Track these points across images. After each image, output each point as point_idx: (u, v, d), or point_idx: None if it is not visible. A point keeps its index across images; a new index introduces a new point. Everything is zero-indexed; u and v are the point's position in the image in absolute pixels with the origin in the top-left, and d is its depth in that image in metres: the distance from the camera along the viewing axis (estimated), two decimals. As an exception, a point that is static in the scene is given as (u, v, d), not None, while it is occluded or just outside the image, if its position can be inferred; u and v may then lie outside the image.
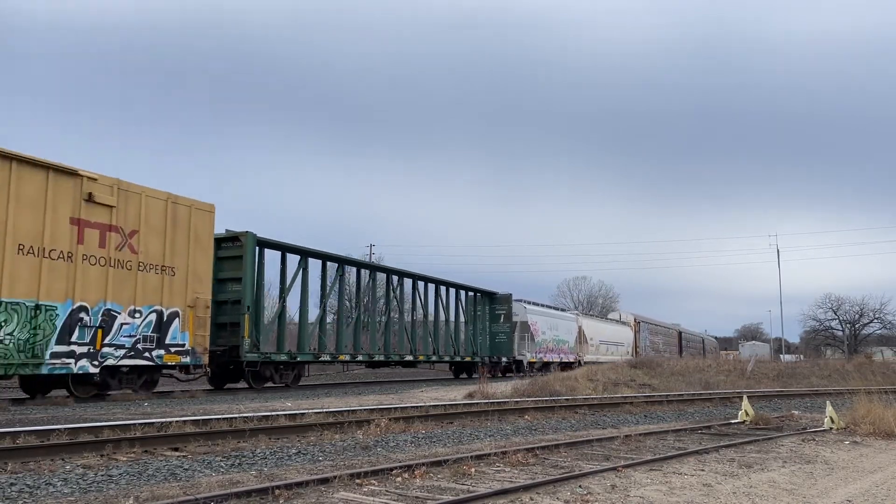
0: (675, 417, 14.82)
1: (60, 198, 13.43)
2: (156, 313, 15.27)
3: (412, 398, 16.95)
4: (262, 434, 9.44)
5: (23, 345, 12.66)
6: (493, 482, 6.51)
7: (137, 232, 14.93)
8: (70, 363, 13.51)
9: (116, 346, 14.43)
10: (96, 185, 14.11)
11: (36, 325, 12.86)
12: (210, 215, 16.80)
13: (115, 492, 5.98)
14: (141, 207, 15.08)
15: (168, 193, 15.87)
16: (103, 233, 14.21)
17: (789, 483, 7.05)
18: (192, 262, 16.15)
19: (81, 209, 13.80)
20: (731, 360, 38.95)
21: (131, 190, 14.90)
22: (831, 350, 70.57)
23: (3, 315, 12.32)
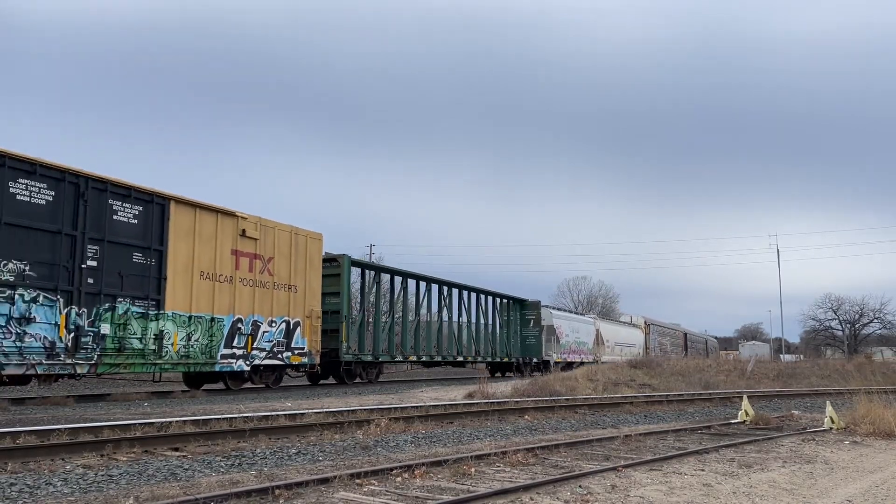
0: (675, 417, 14.82)
1: (225, 234, 16.87)
2: (285, 323, 18.70)
3: (412, 398, 16.95)
4: (262, 434, 9.44)
5: (203, 348, 16.15)
6: (493, 482, 6.51)
7: (273, 258, 18.36)
8: (232, 363, 17.06)
9: (260, 350, 17.84)
10: (247, 222, 17.52)
11: (211, 333, 16.39)
12: (319, 242, 20.17)
13: (115, 492, 5.98)
14: (274, 238, 18.46)
15: (292, 226, 19.20)
16: (251, 260, 17.71)
17: (789, 483, 7.05)
18: (308, 281, 19.56)
19: (237, 242, 17.27)
20: (731, 360, 38.95)
21: (268, 225, 18.26)
22: (831, 350, 70.51)
23: (192, 326, 15.81)
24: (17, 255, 12.51)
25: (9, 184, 12.51)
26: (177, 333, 15.45)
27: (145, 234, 14.95)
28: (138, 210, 14.85)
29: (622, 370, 26.00)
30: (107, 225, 14.15)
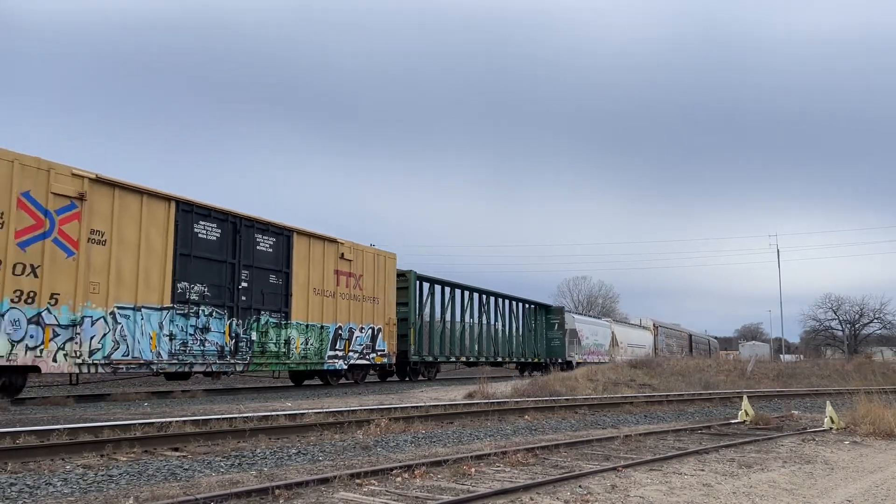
0: (675, 417, 14.82)
1: (329, 258, 20.51)
2: (371, 329, 22.30)
3: (412, 398, 16.95)
4: (262, 434, 9.44)
5: (316, 351, 19.75)
6: (493, 482, 6.51)
7: (362, 276, 21.98)
8: (335, 362, 20.60)
9: (354, 351, 21.41)
10: (344, 247, 21.14)
11: (321, 338, 19.93)
12: (394, 261, 23.85)
13: (115, 492, 5.98)
14: (363, 259, 22.05)
15: (375, 248, 22.96)
16: (347, 278, 21.25)
17: (789, 483, 7.05)
18: (386, 294, 23.20)
19: (338, 264, 20.90)
20: (731, 360, 38.95)
21: (358, 248, 22.02)
22: (831, 350, 70.49)
23: (309, 333, 19.39)
24: (201, 280, 16.12)
25: (194, 226, 16.08)
26: (299, 339, 19.14)
27: (277, 259, 18.60)
28: (272, 241, 18.50)
29: (622, 370, 25.99)
30: (253, 254, 17.79)
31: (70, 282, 13.22)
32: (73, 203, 13.34)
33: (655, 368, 27.69)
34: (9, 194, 12.32)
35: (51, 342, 12.86)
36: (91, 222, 13.70)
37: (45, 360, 12.82)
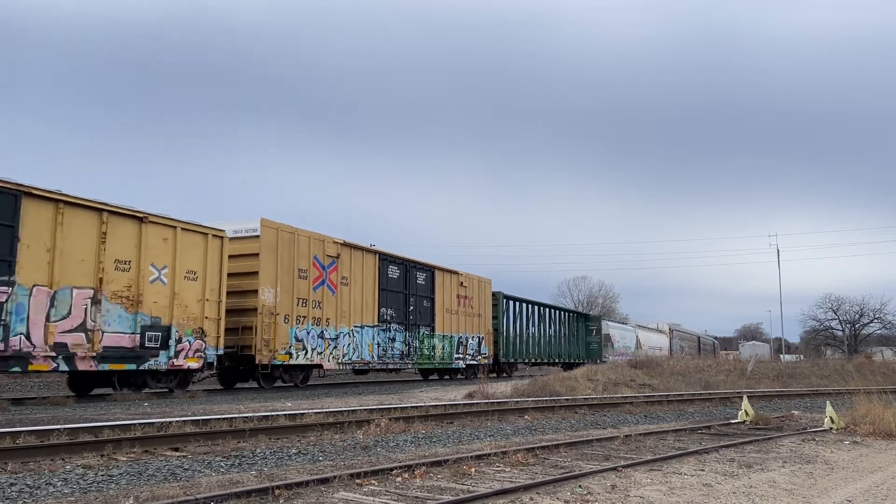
0: (675, 417, 14.82)
1: (453, 285, 27.07)
2: (478, 337, 28.71)
3: (412, 398, 16.94)
4: (262, 434, 9.44)
5: (448, 354, 26.37)
6: (493, 482, 6.51)
7: (472, 298, 28.36)
8: (458, 362, 27.15)
9: (468, 355, 27.79)
10: (462, 277, 27.60)
11: (451, 345, 26.56)
12: (490, 284, 30.25)
13: (115, 492, 5.98)
14: (472, 284, 28.43)
15: (479, 276, 29.03)
16: (463, 300, 27.70)
17: (789, 483, 7.05)
18: (485, 310, 29.53)
19: (458, 289, 27.37)
20: (731, 360, 38.97)
21: (471, 277, 28.34)
22: (831, 350, 70.45)
23: (444, 341, 26.05)
24: (391, 306, 23.00)
25: (387, 269, 23.05)
26: (439, 345, 25.83)
27: (427, 289, 25.38)
28: (424, 276, 25.26)
29: (622, 370, 25.96)
30: (415, 286, 24.63)
31: (334, 311, 20.27)
32: (334, 260, 20.35)
33: (655, 368, 27.68)
34: (308, 258, 19.30)
35: (327, 350, 19.87)
36: (342, 271, 20.72)
37: (325, 361, 19.84)
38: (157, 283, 15.08)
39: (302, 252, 18.88)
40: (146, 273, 14.80)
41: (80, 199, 13.59)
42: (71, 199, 13.42)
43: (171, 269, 15.37)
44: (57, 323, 13.04)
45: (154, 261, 15.00)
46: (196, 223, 16.12)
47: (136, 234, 14.62)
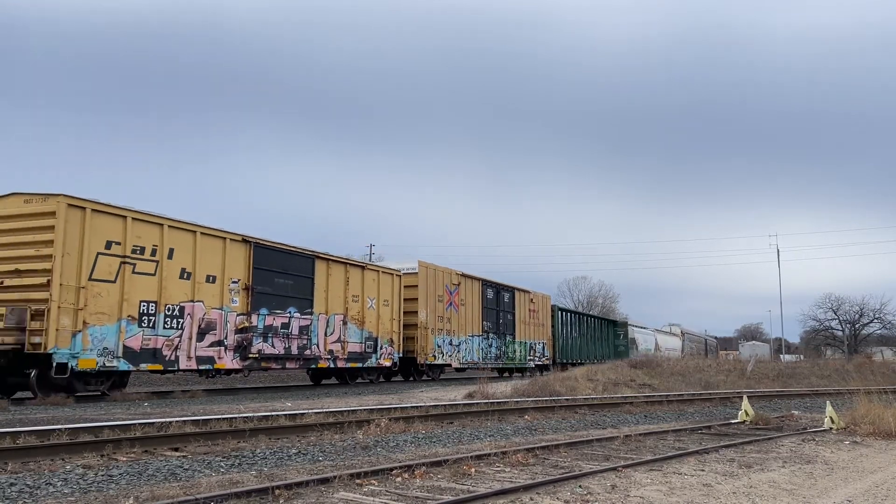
0: (675, 417, 14.82)
1: (526, 300, 32.51)
2: (541, 343, 34.18)
3: (412, 398, 16.94)
4: (262, 434, 9.44)
5: (523, 357, 31.88)
6: (493, 482, 6.51)
7: (538, 311, 33.85)
8: (530, 363, 32.59)
9: (537, 356, 33.44)
10: (532, 294, 33.15)
11: (525, 349, 32.13)
12: (549, 298, 35.95)
13: (115, 492, 5.98)
14: (538, 300, 33.94)
15: (542, 294, 34.84)
16: (532, 312, 33.07)
17: (789, 483, 7.05)
18: (546, 320, 35.03)
19: (530, 304, 32.78)
20: (731, 360, 38.99)
21: (538, 294, 33.97)
22: (831, 350, 70.46)
23: (522, 346, 31.65)
24: (489, 319, 28.66)
25: (486, 291, 28.55)
26: (518, 349, 31.40)
27: (510, 305, 30.93)
28: (508, 295, 30.85)
29: (622, 370, 25.96)
30: (503, 303, 30.22)
31: (456, 324, 26.48)
32: (456, 287, 26.46)
33: (655, 368, 27.67)
34: (442, 286, 25.72)
35: (454, 353, 26.22)
36: (461, 295, 26.85)
37: (453, 361, 26.19)
38: (371, 309, 21.99)
39: (439, 282, 25.60)
40: (366, 303, 21.77)
41: (337, 258, 20.85)
42: (333, 258, 20.54)
43: (377, 300, 22.30)
44: (328, 337, 20.06)
45: (369, 294, 21.91)
46: (390, 268, 23.52)
47: (360, 278, 21.62)
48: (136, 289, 14.58)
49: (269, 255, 17.98)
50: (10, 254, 13.70)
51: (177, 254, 15.41)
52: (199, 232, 15.99)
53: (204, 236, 16.12)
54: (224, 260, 16.58)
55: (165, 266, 15.17)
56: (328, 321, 19.91)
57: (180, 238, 15.56)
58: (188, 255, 15.68)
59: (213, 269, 16.28)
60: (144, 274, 14.75)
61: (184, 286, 15.58)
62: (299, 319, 18.81)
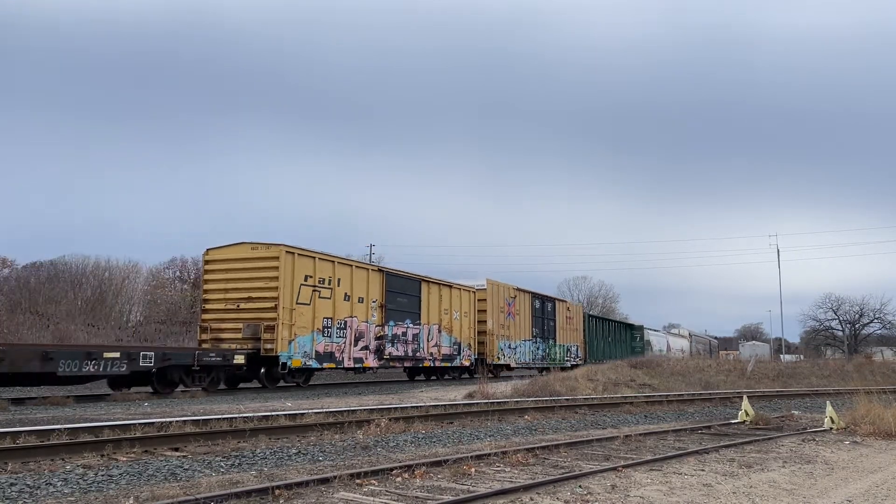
0: (675, 417, 14.82)
1: (564, 309, 36.04)
2: (576, 346, 37.47)
3: (412, 398, 16.94)
4: (263, 434, 9.44)
5: (562, 357, 34.67)
6: (493, 482, 6.51)
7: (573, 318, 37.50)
8: (567, 363, 34.49)
9: (572, 357, 36.47)
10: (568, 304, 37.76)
11: (564, 351, 35.27)
12: (582, 307, 43.06)
13: (115, 492, 5.99)
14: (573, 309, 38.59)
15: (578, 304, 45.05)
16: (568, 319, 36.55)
17: (789, 483, 7.05)
18: (579, 325, 38.36)
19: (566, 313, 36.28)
20: (731, 360, 39.00)
21: (571, 304, 39.53)
22: (831, 350, 70.46)
23: (560, 348, 34.92)
24: (536, 326, 32.22)
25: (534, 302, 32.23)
26: (559, 352, 34.70)
27: (552, 314, 34.45)
28: (551, 305, 34.47)
29: (622, 370, 25.96)
30: (546, 312, 33.69)
31: (513, 331, 29.88)
32: (512, 299, 29.95)
33: (655, 368, 27.66)
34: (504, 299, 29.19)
35: (512, 354, 29.70)
36: (516, 306, 30.26)
37: (511, 362, 29.61)
38: (456, 320, 26.26)
39: (501, 296, 29.07)
40: (452, 314, 26.10)
41: (434, 280, 25.12)
42: (432, 280, 24.89)
43: (460, 312, 26.53)
44: (429, 342, 24.60)
45: (454, 307, 26.16)
46: (467, 285, 27.23)
47: (449, 294, 25.94)
48: (320, 309, 19.37)
49: (394, 280, 22.95)
50: (243, 285, 18.61)
51: (342, 282, 20.39)
52: (353, 265, 21.35)
53: (356, 269, 21.34)
54: (368, 285, 21.51)
55: (336, 292, 20.06)
56: (429, 330, 24.69)
57: (343, 270, 20.58)
58: (348, 283, 20.61)
59: (362, 292, 21.26)
60: (325, 298, 19.59)
61: (346, 306, 20.46)
62: (412, 329, 23.74)
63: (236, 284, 18.67)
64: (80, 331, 26.37)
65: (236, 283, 18.68)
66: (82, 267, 35.56)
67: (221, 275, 19.06)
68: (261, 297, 18.22)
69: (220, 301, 18.92)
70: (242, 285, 18.59)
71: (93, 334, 26.70)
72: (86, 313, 31.01)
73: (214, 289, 19.15)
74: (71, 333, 24.82)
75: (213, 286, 19.17)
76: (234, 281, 18.73)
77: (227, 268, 18.96)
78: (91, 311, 31.83)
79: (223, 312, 18.72)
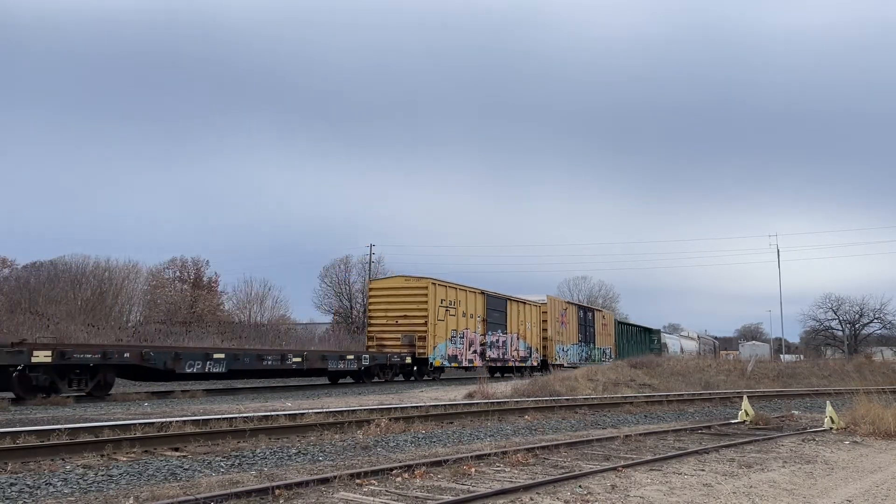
0: (675, 417, 14.82)
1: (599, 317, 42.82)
2: (609, 348, 42.33)
3: (412, 398, 16.94)
4: (263, 434, 9.44)
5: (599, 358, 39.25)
6: (493, 482, 6.51)
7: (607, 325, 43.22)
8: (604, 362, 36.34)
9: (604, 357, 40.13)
10: (602, 312, 45.58)
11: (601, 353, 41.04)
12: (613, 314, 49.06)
13: (115, 492, 5.99)
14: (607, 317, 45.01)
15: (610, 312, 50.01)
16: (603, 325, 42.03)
17: (789, 483, 7.05)
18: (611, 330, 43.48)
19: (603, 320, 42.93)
20: (731, 360, 39.01)
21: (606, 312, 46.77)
22: (831, 350, 70.44)
23: (599, 350, 40.96)
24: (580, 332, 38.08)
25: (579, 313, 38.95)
26: (598, 353, 39.39)
27: (593, 322, 39.80)
28: (591, 314, 40.29)
29: (622, 370, 25.95)
30: (587, 320, 39.19)
31: (565, 336, 35.56)
32: (564, 311, 35.98)
33: (655, 368, 27.63)
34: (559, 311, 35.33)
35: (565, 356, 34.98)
36: (567, 316, 36.08)
37: (563, 362, 33.55)
38: (528, 329, 31.98)
39: (557, 309, 35.37)
40: (526, 325, 31.80)
41: (515, 298, 31.09)
42: (514, 299, 30.90)
43: (530, 322, 32.23)
44: (511, 347, 30.18)
45: (527, 319, 32.00)
46: (535, 301, 33.13)
47: (524, 308, 31.82)
48: (448, 323, 25.81)
49: (491, 299, 29.03)
50: (400, 307, 25.31)
51: (460, 303, 26.81)
52: (467, 290, 27.49)
53: (468, 292, 27.58)
54: (476, 305, 27.97)
55: (458, 310, 26.56)
56: (512, 337, 30.44)
57: (461, 294, 27.06)
58: (463, 303, 26.98)
59: (471, 310, 27.62)
60: (452, 315, 26.09)
61: (463, 321, 26.82)
62: (501, 337, 29.64)
63: (394, 306, 25.38)
64: (80, 331, 26.34)
65: (394, 305, 25.43)
66: (82, 267, 35.55)
67: (383, 299, 26.07)
68: (414, 315, 24.93)
69: (382, 318, 25.73)
70: (399, 307, 25.27)
71: (93, 334, 26.66)
72: (86, 313, 30.97)
73: (377, 309, 26.16)
74: (71, 334, 24.79)
75: (376, 308, 26.29)
76: (392, 304, 25.52)
77: (387, 294, 26.03)
78: (91, 311, 31.79)
79: (384, 326, 25.47)
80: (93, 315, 31.23)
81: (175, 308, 39.12)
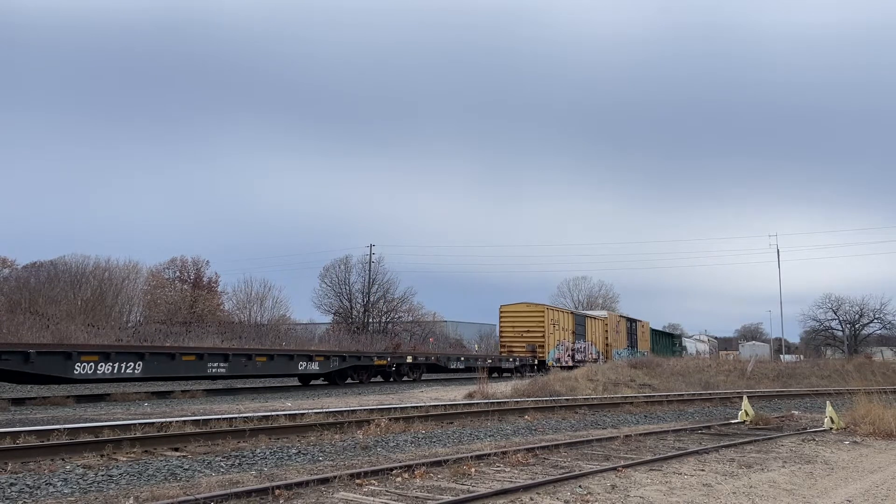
0: (675, 417, 14.82)
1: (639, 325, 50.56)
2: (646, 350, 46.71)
3: (412, 398, 16.94)
4: (263, 434, 9.44)
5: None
6: (493, 482, 6.51)
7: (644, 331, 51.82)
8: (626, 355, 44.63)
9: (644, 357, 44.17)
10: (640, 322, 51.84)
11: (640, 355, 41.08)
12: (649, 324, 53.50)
13: (115, 492, 5.99)
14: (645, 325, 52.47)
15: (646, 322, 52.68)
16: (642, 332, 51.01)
17: (789, 483, 7.05)
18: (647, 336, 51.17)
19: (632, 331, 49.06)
20: (731, 361, 39.01)
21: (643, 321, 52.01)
22: (831, 350, 70.37)
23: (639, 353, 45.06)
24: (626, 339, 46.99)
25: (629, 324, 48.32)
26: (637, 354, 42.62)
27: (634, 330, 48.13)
28: (634, 324, 48.42)
29: (622, 370, 25.95)
30: (632, 329, 48.04)
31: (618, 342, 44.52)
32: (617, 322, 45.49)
33: (655, 368, 27.63)
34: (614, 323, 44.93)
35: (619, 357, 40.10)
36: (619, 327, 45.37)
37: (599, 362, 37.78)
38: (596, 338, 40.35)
39: (613, 320, 43.49)
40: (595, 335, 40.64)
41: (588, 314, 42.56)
42: (588, 315, 41.79)
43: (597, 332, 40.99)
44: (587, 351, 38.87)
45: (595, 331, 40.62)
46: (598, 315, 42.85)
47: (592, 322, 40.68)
48: (555, 335, 35.00)
49: (577, 318, 38.98)
50: (524, 325, 34.84)
51: (560, 321, 36.11)
52: (564, 312, 37.86)
53: (565, 314, 37.78)
54: (568, 321, 37.34)
55: (559, 326, 35.72)
56: (588, 345, 39.24)
57: (560, 315, 36.93)
58: (562, 321, 36.33)
59: (566, 325, 36.86)
60: (557, 329, 35.28)
61: (560, 333, 35.82)
62: (582, 344, 38.51)
63: (520, 323, 35.02)
64: (80, 331, 26.34)
65: (520, 323, 35.06)
66: (82, 267, 35.56)
67: (511, 319, 35.52)
68: (534, 330, 34.74)
69: (510, 331, 35.29)
70: (523, 324, 35.09)
71: (93, 334, 26.65)
72: (86, 313, 30.97)
73: (507, 326, 35.75)
74: (71, 333, 24.79)
75: (506, 325, 35.84)
76: (518, 322, 35.14)
77: (514, 316, 35.44)
78: (91, 311, 31.79)
79: (512, 337, 35.02)
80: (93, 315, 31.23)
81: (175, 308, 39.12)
